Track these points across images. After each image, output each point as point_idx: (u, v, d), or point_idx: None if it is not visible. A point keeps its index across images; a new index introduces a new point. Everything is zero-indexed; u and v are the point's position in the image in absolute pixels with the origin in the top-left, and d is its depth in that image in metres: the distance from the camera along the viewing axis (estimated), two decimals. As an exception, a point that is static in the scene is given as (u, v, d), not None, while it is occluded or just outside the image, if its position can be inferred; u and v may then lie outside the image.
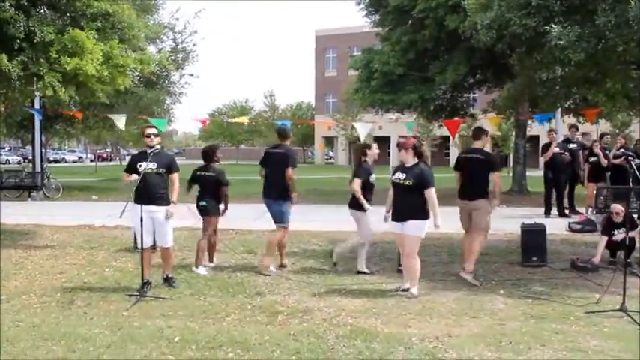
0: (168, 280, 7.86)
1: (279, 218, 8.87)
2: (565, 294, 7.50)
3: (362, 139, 12.43)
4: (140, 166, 7.58)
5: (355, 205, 8.59)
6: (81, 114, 14.40)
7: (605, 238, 9.07)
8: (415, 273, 7.50)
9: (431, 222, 7.34)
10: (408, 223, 7.38)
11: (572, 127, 15.33)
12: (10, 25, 9.85)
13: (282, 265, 9.07)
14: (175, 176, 7.80)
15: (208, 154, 9.11)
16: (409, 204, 7.39)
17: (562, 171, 14.64)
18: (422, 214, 7.35)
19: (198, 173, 9.05)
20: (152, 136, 7.70)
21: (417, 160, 7.50)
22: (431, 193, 7.30)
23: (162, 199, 7.61)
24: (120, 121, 12.91)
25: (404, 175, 7.45)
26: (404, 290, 7.51)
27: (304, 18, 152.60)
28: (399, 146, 7.61)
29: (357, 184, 8.45)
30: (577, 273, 8.67)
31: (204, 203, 8.93)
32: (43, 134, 23.94)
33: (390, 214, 7.71)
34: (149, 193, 7.51)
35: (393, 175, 7.63)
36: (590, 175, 14.18)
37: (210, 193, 8.96)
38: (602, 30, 9.03)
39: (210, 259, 9.18)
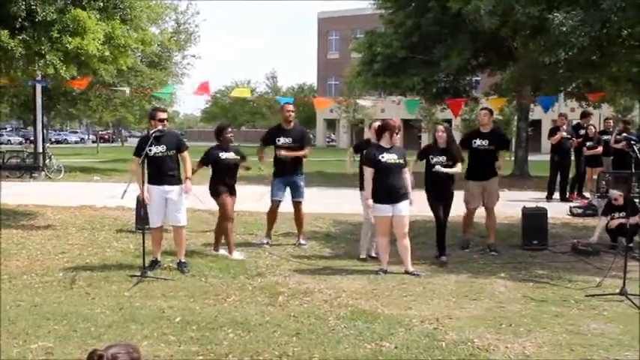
0: (180, 266, 7.69)
1: (303, 193, 9.31)
2: (566, 277, 7.52)
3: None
4: (150, 149, 7.64)
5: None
6: (84, 83, 14.39)
7: (604, 219, 9.18)
8: (409, 252, 7.64)
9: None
10: (404, 204, 7.46)
11: (587, 116, 15.00)
12: (12, 4, 9.79)
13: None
14: (186, 154, 7.89)
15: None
16: (402, 184, 7.49)
17: (569, 156, 14.58)
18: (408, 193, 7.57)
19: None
20: (165, 121, 7.78)
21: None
22: (408, 172, 7.62)
23: (175, 179, 7.74)
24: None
25: (396, 155, 7.47)
26: (384, 272, 7.55)
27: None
28: (386, 128, 7.54)
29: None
30: (578, 257, 8.69)
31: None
32: (44, 115, 23.89)
33: (373, 197, 7.47)
34: (161, 175, 7.66)
35: (380, 156, 7.45)
36: (587, 159, 14.22)
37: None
38: (607, 13, 8.97)
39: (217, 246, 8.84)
